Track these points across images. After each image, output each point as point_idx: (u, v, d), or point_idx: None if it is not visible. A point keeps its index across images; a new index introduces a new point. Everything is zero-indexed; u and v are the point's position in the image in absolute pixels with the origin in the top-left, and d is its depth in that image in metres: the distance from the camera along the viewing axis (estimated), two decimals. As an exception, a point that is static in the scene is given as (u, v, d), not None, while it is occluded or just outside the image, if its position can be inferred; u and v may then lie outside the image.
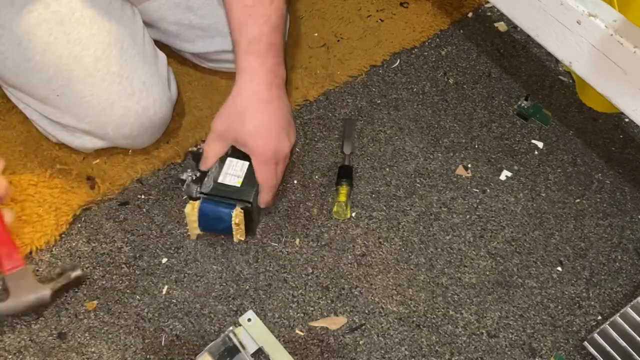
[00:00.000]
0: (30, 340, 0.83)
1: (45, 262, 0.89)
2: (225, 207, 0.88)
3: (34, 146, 0.98)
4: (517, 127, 1.13)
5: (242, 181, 0.89)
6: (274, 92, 0.88)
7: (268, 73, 0.87)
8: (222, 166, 0.90)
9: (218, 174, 0.90)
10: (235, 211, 0.88)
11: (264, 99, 0.87)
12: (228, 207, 0.88)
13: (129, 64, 0.89)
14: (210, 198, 0.89)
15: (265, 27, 0.86)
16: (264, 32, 0.86)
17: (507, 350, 0.89)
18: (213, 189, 0.89)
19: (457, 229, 0.99)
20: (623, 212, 1.04)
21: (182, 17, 1.00)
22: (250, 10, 0.85)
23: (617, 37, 0.80)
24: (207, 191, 0.88)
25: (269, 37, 0.86)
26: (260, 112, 0.87)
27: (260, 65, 0.86)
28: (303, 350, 0.86)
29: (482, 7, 1.31)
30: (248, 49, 0.86)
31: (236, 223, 0.89)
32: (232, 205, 0.89)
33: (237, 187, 0.89)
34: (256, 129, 0.87)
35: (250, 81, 0.87)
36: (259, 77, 0.87)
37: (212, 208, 0.89)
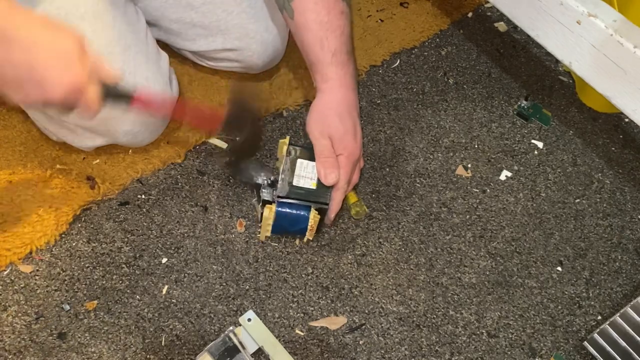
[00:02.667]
0: (30, 340, 0.83)
1: (45, 262, 0.89)
2: (302, 210, 0.89)
3: (34, 146, 0.98)
4: (517, 127, 1.13)
5: (316, 183, 0.90)
6: (355, 96, 0.93)
7: (352, 79, 0.92)
8: (294, 168, 0.90)
9: (291, 176, 0.90)
10: (312, 213, 0.89)
11: (352, 104, 0.92)
12: (305, 210, 0.89)
13: (131, 61, 0.89)
14: (285, 201, 0.89)
15: (343, 38, 0.90)
16: (342, 42, 0.90)
17: (507, 350, 0.89)
18: (290, 192, 0.89)
19: (457, 229, 0.99)
20: (623, 212, 1.04)
21: (183, 15, 1.00)
22: (327, 26, 0.89)
23: (617, 37, 0.80)
24: (284, 194, 0.89)
25: (347, 47, 0.91)
26: (351, 115, 0.91)
27: (345, 74, 0.91)
28: (303, 350, 0.86)
29: (482, 7, 1.31)
30: (332, 61, 0.90)
31: (312, 225, 0.90)
32: (307, 207, 0.89)
33: (312, 189, 0.89)
34: (353, 128, 0.91)
35: (340, 87, 0.91)
36: (347, 84, 0.92)
37: (289, 211, 0.89)
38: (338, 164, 0.90)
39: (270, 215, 0.89)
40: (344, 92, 0.91)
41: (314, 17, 0.88)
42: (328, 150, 0.90)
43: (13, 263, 0.88)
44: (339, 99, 0.91)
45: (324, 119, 0.90)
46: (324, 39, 0.89)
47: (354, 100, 0.93)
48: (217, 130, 0.88)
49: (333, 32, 0.89)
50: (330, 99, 0.91)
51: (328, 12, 0.88)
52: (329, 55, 0.89)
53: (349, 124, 0.90)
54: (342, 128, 0.90)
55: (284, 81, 1.12)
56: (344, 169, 0.90)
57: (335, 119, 0.90)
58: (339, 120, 0.90)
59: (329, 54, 0.89)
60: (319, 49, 0.90)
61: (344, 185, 0.90)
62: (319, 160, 0.90)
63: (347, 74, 0.91)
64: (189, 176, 1.00)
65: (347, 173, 0.90)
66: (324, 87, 0.91)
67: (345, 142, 0.90)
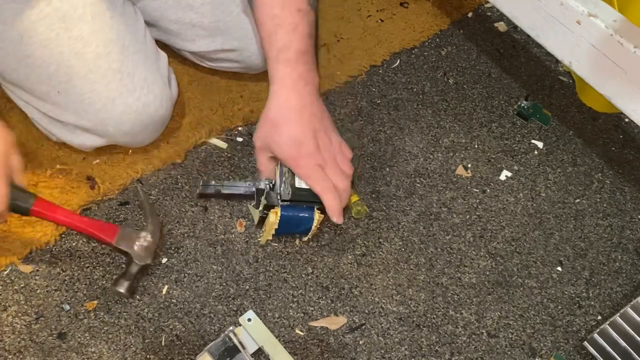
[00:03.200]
0: (30, 340, 0.83)
1: (45, 262, 0.89)
2: (306, 212, 0.89)
3: (34, 146, 0.98)
4: (517, 127, 1.13)
5: None
6: (306, 99, 0.87)
7: (299, 80, 0.86)
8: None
9: (293, 179, 0.89)
10: (316, 214, 0.89)
11: (296, 106, 0.86)
12: (308, 211, 0.89)
13: (130, 61, 0.89)
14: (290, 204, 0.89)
15: (294, 35, 0.85)
16: (293, 40, 0.85)
17: (507, 350, 0.89)
18: (293, 194, 0.88)
19: (457, 229, 0.99)
20: (623, 212, 1.04)
21: (182, 16, 1.00)
22: (278, 20, 0.85)
23: (617, 37, 0.80)
24: (288, 197, 0.88)
25: (298, 45, 0.86)
26: (292, 120, 0.86)
27: (290, 74, 0.85)
28: (303, 350, 0.86)
29: (482, 7, 1.31)
30: (278, 58, 0.85)
31: (316, 225, 0.90)
32: (310, 208, 0.89)
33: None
34: (289, 138, 0.85)
35: (281, 90, 0.86)
36: (289, 85, 0.86)
37: (293, 213, 0.89)
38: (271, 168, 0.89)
39: (276, 220, 0.88)
40: (288, 95, 0.86)
41: (267, 11, 0.85)
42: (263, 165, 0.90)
43: (13, 263, 0.88)
44: (280, 104, 0.86)
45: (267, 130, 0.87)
46: (272, 33, 0.85)
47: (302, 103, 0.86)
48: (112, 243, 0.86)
49: (284, 28, 0.85)
50: (272, 106, 0.87)
51: (282, 7, 0.85)
52: (275, 51, 0.85)
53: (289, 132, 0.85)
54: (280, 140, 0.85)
55: (284, 81, 1.12)
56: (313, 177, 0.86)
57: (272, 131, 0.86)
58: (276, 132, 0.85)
59: (276, 50, 0.85)
60: (267, 44, 0.86)
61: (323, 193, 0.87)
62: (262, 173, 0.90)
63: (293, 73, 0.85)
64: (189, 176, 1.00)
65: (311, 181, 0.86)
66: (270, 91, 0.87)
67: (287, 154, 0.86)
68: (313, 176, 0.86)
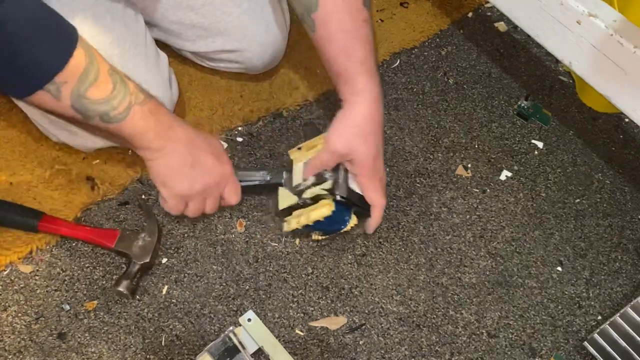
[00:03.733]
0: (30, 340, 0.83)
1: (45, 262, 0.89)
2: (347, 213, 0.90)
3: (34, 146, 0.98)
4: (517, 127, 1.13)
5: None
6: (382, 112, 0.90)
7: (380, 93, 0.89)
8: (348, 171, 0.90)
9: (346, 179, 0.89)
10: (353, 218, 0.90)
11: (380, 120, 0.89)
12: (348, 213, 0.90)
13: (130, 63, 0.89)
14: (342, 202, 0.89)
15: (369, 47, 0.87)
16: (369, 50, 0.87)
17: (507, 350, 0.89)
18: (348, 193, 0.89)
19: (457, 229, 0.99)
20: (623, 212, 1.04)
21: (183, 17, 1.00)
22: (353, 34, 0.86)
23: (617, 37, 0.80)
24: (346, 195, 0.88)
25: (373, 55, 0.88)
26: (377, 133, 0.89)
27: (375, 86, 0.88)
28: (303, 350, 0.86)
29: (482, 7, 1.31)
30: (362, 70, 0.87)
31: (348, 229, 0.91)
32: (349, 210, 0.90)
33: (361, 194, 0.90)
34: (371, 150, 0.88)
35: (371, 102, 0.88)
36: (375, 98, 0.88)
37: (340, 211, 0.89)
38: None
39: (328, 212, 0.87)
40: (374, 107, 0.87)
41: (337, 25, 0.85)
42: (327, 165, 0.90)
43: (13, 263, 0.88)
44: (366, 115, 0.87)
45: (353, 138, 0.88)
46: (350, 48, 0.86)
47: (381, 115, 0.90)
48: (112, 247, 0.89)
49: (359, 40, 0.86)
50: (357, 115, 0.87)
51: (353, 20, 0.85)
52: (358, 64, 0.86)
53: (373, 144, 0.88)
54: (366, 151, 0.87)
55: (284, 81, 1.12)
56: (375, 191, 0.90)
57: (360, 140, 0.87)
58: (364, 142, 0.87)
59: (357, 63, 0.86)
60: (345, 59, 0.86)
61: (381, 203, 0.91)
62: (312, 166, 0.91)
63: (376, 85, 0.88)
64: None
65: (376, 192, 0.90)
66: (353, 100, 0.87)
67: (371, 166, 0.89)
68: (377, 190, 0.90)
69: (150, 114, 0.77)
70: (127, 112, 0.75)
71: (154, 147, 0.79)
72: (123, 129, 0.77)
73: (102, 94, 0.73)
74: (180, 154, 0.81)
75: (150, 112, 0.77)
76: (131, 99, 0.75)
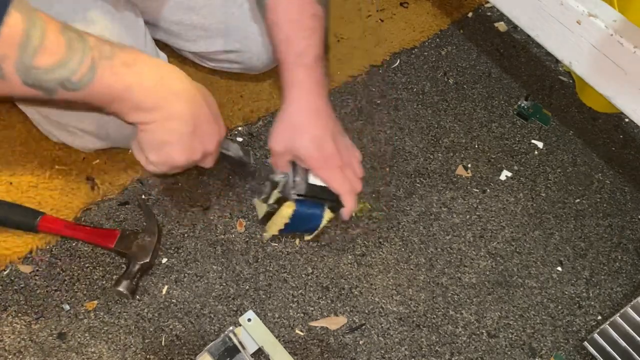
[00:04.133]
0: (30, 340, 0.83)
1: (45, 262, 0.89)
2: (317, 209, 0.89)
3: (34, 146, 0.98)
4: (517, 127, 1.13)
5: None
6: (322, 102, 0.88)
7: (316, 84, 0.87)
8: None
9: (306, 175, 0.88)
10: (327, 213, 0.89)
11: (315, 110, 0.87)
12: (319, 208, 0.89)
13: None
14: (304, 199, 0.88)
15: (312, 41, 0.86)
16: (311, 45, 0.86)
17: (507, 350, 0.89)
18: (307, 190, 0.88)
19: (457, 229, 0.99)
20: (623, 212, 1.04)
21: (183, 17, 1.00)
22: (296, 25, 0.85)
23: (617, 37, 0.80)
24: (303, 192, 0.87)
25: (316, 50, 0.86)
26: (313, 123, 0.87)
27: (308, 78, 0.86)
28: (303, 350, 0.86)
29: (482, 7, 1.31)
30: (296, 62, 0.86)
31: (324, 224, 0.89)
32: (321, 205, 0.89)
33: (326, 186, 0.88)
34: (312, 140, 0.86)
35: (300, 94, 0.86)
36: (308, 89, 0.86)
37: (305, 209, 0.88)
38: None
39: (290, 213, 0.88)
40: (308, 98, 0.86)
41: (283, 15, 0.85)
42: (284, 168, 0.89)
43: (13, 263, 0.88)
44: (299, 108, 0.86)
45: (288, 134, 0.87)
46: (291, 38, 0.85)
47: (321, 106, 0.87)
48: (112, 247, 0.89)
49: (302, 32, 0.85)
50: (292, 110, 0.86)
51: (300, 12, 0.85)
52: (294, 56, 0.85)
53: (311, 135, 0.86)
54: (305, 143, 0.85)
55: (284, 81, 1.12)
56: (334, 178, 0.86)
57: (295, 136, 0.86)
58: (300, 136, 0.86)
59: (294, 55, 0.85)
60: (285, 49, 0.86)
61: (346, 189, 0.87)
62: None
63: (311, 78, 0.86)
64: (189, 176, 1.00)
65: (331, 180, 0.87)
66: (288, 96, 0.87)
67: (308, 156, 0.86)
68: (335, 178, 0.87)
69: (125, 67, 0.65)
70: (92, 72, 0.63)
71: (145, 106, 0.68)
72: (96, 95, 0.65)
73: (54, 58, 0.61)
74: (181, 116, 0.70)
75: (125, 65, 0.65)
76: (93, 54, 0.63)
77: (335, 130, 0.89)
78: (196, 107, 0.71)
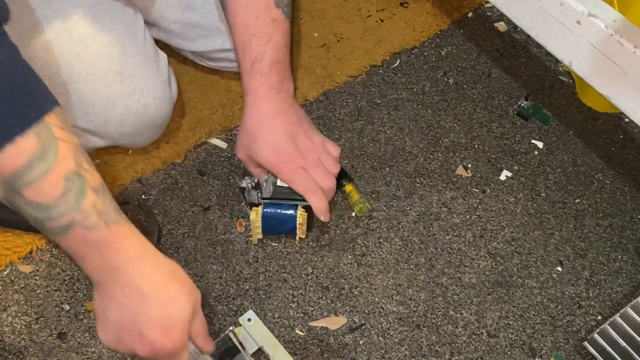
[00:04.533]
0: (30, 340, 0.83)
1: (45, 262, 0.89)
2: (288, 209, 0.89)
3: (34, 146, 0.98)
4: (517, 127, 1.13)
5: None
6: (278, 106, 0.87)
7: (270, 89, 0.87)
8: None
9: (275, 177, 0.90)
10: (299, 211, 0.89)
11: (269, 114, 0.87)
12: (291, 209, 0.89)
13: (130, 63, 0.89)
14: (272, 202, 0.89)
15: (268, 46, 0.86)
16: (266, 51, 0.86)
17: (507, 350, 0.89)
18: (274, 192, 0.89)
19: (457, 229, 0.99)
20: (623, 212, 1.04)
21: (182, 16, 1.00)
22: (252, 30, 0.85)
23: (617, 37, 0.80)
24: (269, 195, 0.89)
25: (272, 56, 0.86)
26: (266, 127, 0.87)
27: (262, 84, 0.86)
28: (303, 350, 0.86)
29: (482, 7, 1.31)
30: (252, 70, 0.86)
31: (300, 223, 0.90)
32: (294, 206, 0.89)
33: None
34: (267, 144, 0.86)
35: (254, 100, 0.87)
36: (261, 94, 0.87)
37: (275, 211, 0.89)
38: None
39: (257, 218, 0.89)
40: (262, 104, 0.86)
41: (241, 19, 0.85)
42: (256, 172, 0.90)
43: (13, 263, 0.88)
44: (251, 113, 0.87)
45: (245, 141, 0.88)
46: (246, 43, 0.85)
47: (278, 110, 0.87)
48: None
49: (258, 38, 0.85)
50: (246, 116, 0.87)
51: (257, 17, 0.85)
52: (249, 63, 0.86)
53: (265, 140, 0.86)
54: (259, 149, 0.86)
55: (284, 81, 1.12)
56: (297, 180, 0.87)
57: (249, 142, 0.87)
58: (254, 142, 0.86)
59: (249, 61, 0.86)
60: (241, 54, 0.87)
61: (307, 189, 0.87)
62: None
63: (265, 84, 0.86)
64: (189, 176, 1.00)
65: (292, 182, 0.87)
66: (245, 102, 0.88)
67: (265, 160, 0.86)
68: (295, 179, 0.87)
69: (96, 246, 0.62)
70: (65, 230, 0.60)
71: (92, 278, 0.66)
72: (58, 241, 0.62)
73: (41, 199, 0.58)
74: (117, 307, 0.65)
75: (97, 244, 0.62)
76: (76, 217, 0.60)
77: (298, 130, 0.88)
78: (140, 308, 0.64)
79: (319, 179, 0.88)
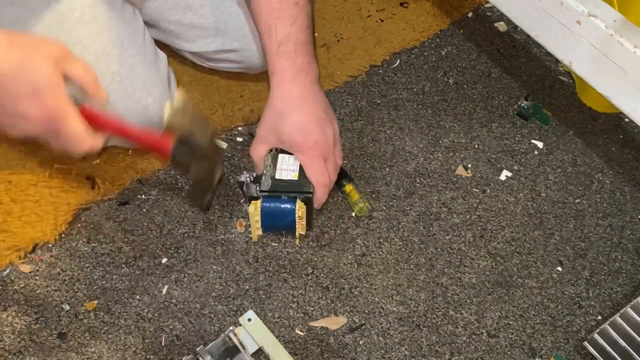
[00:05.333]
0: (30, 340, 0.83)
1: (45, 262, 0.89)
2: (287, 202, 0.89)
3: (33, 146, 0.98)
4: (517, 127, 1.13)
5: (298, 174, 0.89)
6: (307, 89, 0.89)
7: (299, 72, 0.88)
8: (276, 163, 0.90)
9: (274, 171, 0.90)
10: (298, 204, 0.89)
11: (297, 96, 0.88)
12: (290, 202, 0.89)
13: (128, 63, 0.89)
14: (270, 195, 0.89)
15: (293, 28, 0.87)
16: (292, 33, 0.87)
17: (507, 350, 0.89)
18: (272, 185, 0.89)
19: (457, 229, 0.99)
20: (623, 212, 1.04)
21: (182, 17, 1.00)
22: (277, 14, 0.86)
23: (617, 37, 0.80)
24: (267, 188, 0.89)
25: (297, 38, 0.87)
26: (296, 109, 0.87)
27: (290, 66, 0.87)
28: (303, 350, 0.86)
29: (482, 7, 1.31)
30: (278, 51, 0.87)
31: (299, 216, 0.89)
32: (292, 199, 0.89)
33: (295, 180, 0.89)
34: (295, 125, 0.87)
35: (282, 81, 0.88)
36: (290, 76, 0.87)
37: (274, 205, 0.89)
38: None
39: (256, 211, 0.89)
40: (291, 86, 0.87)
41: (265, 4, 0.86)
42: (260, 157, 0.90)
43: (13, 263, 0.88)
44: (281, 95, 0.87)
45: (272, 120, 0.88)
46: (272, 27, 0.86)
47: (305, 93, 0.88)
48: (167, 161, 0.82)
49: (283, 20, 0.86)
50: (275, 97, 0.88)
51: (281, 0, 0.86)
52: (276, 44, 0.86)
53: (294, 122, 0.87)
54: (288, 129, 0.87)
55: (284, 81, 1.12)
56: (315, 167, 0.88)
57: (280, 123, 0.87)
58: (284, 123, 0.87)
59: (276, 43, 0.86)
60: (267, 38, 0.87)
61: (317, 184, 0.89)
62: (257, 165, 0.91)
63: (292, 66, 0.87)
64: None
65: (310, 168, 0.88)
66: (272, 84, 0.88)
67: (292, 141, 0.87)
68: (314, 166, 0.88)
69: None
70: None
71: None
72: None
73: None
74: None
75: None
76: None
77: (325, 117, 0.89)
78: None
79: (331, 172, 0.90)
